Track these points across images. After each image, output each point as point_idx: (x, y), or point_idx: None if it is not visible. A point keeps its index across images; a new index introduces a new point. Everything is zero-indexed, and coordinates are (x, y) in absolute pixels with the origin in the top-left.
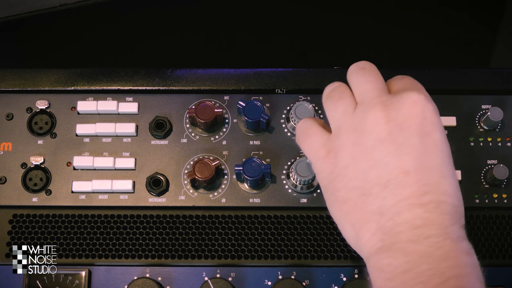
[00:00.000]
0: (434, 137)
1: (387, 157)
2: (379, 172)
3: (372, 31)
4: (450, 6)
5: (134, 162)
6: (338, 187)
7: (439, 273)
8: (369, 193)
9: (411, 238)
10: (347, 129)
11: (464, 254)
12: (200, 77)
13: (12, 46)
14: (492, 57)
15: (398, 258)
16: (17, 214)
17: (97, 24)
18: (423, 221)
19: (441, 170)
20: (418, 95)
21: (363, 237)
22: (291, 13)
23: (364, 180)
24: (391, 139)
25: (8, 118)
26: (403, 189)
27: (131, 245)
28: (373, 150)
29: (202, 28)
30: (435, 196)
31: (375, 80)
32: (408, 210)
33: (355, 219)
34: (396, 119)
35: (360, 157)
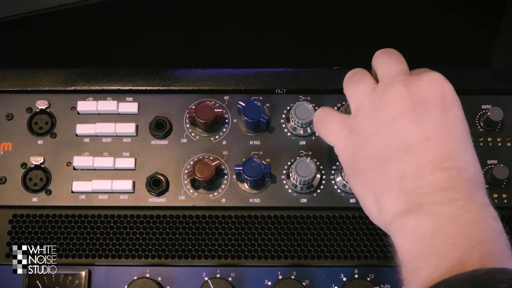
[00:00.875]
0: (454, 112)
1: (409, 125)
2: (401, 139)
3: (372, 31)
4: (450, 6)
5: (134, 162)
6: (359, 159)
7: (469, 235)
8: (390, 159)
9: (437, 199)
10: (368, 105)
11: (492, 219)
12: (200, 77)
13: (12, 46)
14: (492, 57)
15: (425, 220)
16: (17, 214)
17: (97, 24)
18: (447, 183)
19: (461, 140)
20: (438, 74)
21: (385, 202)
22: (291, 12)
23: (387, 148)
24: (412, 109)
25: (8, 118)
26: (426, 153)
27: (131, 245)
28: (395, 120)
29: (202, 28)
30: (456, 162)
31: (399, 62)
32: (431, 173)
33: (376, 185)
34: (417, 92)
35: (382, 127)
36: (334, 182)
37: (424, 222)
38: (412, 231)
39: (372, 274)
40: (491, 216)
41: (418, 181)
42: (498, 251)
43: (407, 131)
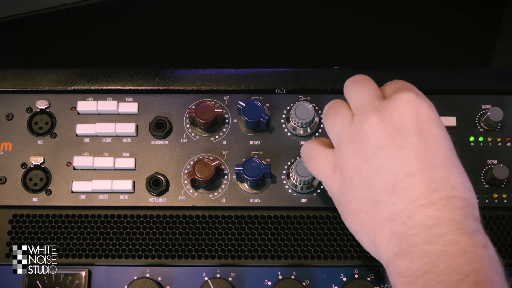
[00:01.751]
0: (433, 133)
1: (390, 162)
2: (384, 178)
3: (372, 32)
4: (450, 7)
5: (134, 162)
6: (348, 199)
7: (457, 270)
8: (378, 201)
9: (426, 239)
10: (347, 140)
11: (480, 247)
12: (200, 77)
13: (12, 46)
14: (492, 57)
15: (416, 261)
16: (17, 214)
17: (97, 24)
18: (435, 220)
19: (445, 165)
20: (409, 95)
21: (380, 245)
22: (291, 13)
23: (371, 188)
24: (390, 143)
25: (8, 118)
26: (411, 191)
27: (131, 245)
28: (375, 157)
29: (203, 28)
30: (443, 192)
31: (368, 89)
32: (419, 211)
33: (369, 228)
34: (392, 122)
35: (364, 166)
36: None
37: (415, 264)
38: (405, 274)
39: (372, 274)
40: (480, 244)
41: (407, 222)
42: (487, 280)
43: (389, 168)
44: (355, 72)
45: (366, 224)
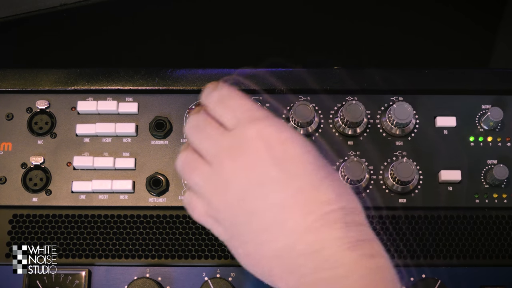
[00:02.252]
0: (289, 155)
1: (258, 201)
2: (258, 219)
3: (372, 32)
4: (450, 6)
5: (134, 162)
6: (236, 245)
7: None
8: (261, 242)
9: (312, 267)
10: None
11: (367, 258)
12: (200, 77)
13: (12, 46)
14: (492, 57)
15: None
16: (17, 214)
17: (97, 24)
18: (317, 244)
19: (311, 183)
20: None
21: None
22: (291, 13)
23: (250, 232)
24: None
25: (8, 118)
26: (286, 223)
27: (131, 245)
28: (243, 201)
29: (202, 28)
30: (318, 212)
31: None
32: (299, 241)
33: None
34: (246, 163)
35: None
36: None
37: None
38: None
39: None
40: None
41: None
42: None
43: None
44: (355, 72)
45: (258, 265)
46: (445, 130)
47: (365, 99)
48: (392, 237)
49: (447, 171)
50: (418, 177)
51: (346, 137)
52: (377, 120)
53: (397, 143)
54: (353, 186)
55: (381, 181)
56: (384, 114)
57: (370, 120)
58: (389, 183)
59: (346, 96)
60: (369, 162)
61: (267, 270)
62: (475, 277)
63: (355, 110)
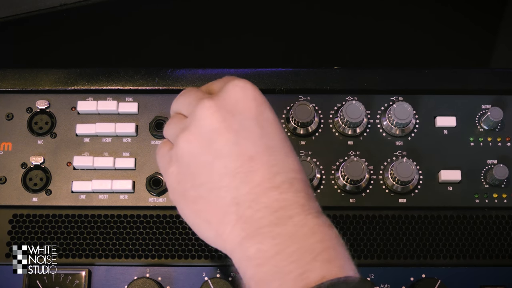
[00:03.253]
0: (268, 117)
1: (227, 146)
2: (224, 162)
3: (372, 32)
4: (450, 6)
5: (134, 162)
6: (186, 188)
7: (309, 249)
8: (219, 187)
9: (274, 221)
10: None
11: (327, 226)
12: (200, 77)
13: (12, 46)
14: (492, 57)
15: (266, 243)
16: (17, 214)
17: (97, 24)
18: (280, 202)
19: (282, 147)
20: (239, 81)
21: (224, 232)
22: (291, 12)
23: (210, 174)
24: (226, 126)
25: (8, 118)
26: (253, 175)
27: (131, 245)
28: (211, 141)
29: (203, 28)
30: (285, 175)
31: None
32: (264, 194)
33: (211, 215)
34: (225, 106)
35: (199, 151)
36: (334, 182)
37: (266, 245)
38: (255, 256)
39: (372, 274)
40: (326, 224)
41: (253, 205)
42: (338, 256)
43: (227, 152)
44: (355, 72)
45: (207, 211)
46: (445, 130)
47: (365, 99)
48: (392, 237)
49: (447, 171)
50: (418, 177)
51: (346, 137)
52: (377, 120)
53: (397, 143)
54: (353, 186)
55: (381, 181)
56: (384, 114)
57: (370, 120)
58: (389, 183)
59: (346, 96)
60: (369, 162)
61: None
62: (475, 277)
63: (355, 110)
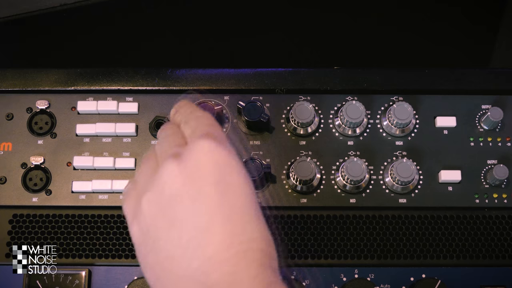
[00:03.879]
0: (231, 181)
1: (184, 213)
2: (179, 231)
3: (372, 32)
4: (450, 6)
5: (134, 162)
6: (146, 251)
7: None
8: (173, 256)
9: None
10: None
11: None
12: (200, 77)
13: (12, 46)
14: (492, 57)
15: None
16: (17, 214)
17: (97, 24)
18: (232, 276)
19: (243, 216)
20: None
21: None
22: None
23: (166, 241)
24: (185, 192)
25: (8, 118)
26: (206, 247)
27: (131, 245)
28: (169, 206)
29: (202, 28)
30: (239, 246)
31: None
32: (215, 270)
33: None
34: (187, 169)
35: (159, 216)
36: (334, 182)
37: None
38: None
39: (372, 274)
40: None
41: (205, 281)
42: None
43: (183, 221)
44: (355, 72)
45: (163, 279)
46: (445, 130)
47: (365, 99)
48: (392, 237)
49: (447, 171)
50: (418, 177)
51: (346, 137)
52: (377, 120)
53: (397, 143)
54: (353, 186)
55: (381, 181)
56: (384, 114)
57: (370, 120)
58: (389, 183)
59: (346, 96)
60: (369, 162)
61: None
62: (475, 277)
63: (355, 110)
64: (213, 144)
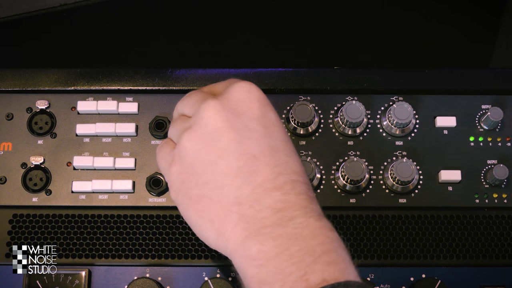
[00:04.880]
0: (271, 118)
1: (231, 145)
2: (227, 161)
3: (372, 32)
4: (450, 6)
5: (134, 162)
6: (190, 186)
7: (310, 252)
8: (222, 185)
9: (276, 221)
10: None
11: (328, 229)
12: (200, 77)
13: (12, 46)
14: (492, 57)
15: (267, 243)
16: (17, 214)
17: (97, 24)
18: (283, 203)
19: (285, 149)
20: (243, 82)
21: (226, 231)
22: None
23: (213, 173)
24: (229, 125)
25: (8, 118)
26: (256, 174)
27: (131, 245)
28: (214, 140)
29: (202, 28)
30: (287, 176)
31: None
32: (266, 195)
33: (214, 214)
34: (229, 106)
35: (203, 150)
36: (334, 182)
37: (267, 246)
38: (256, 256)
39: (372, 274)
40: (327, 227)
41: (255, 205)
42: (339, 259)
43: (231, 151)
44: (355, 72)
45: (210, 210)
46: (445, 130)
47: (365, 99)
48: (392, 237)
49: (447, 171)
50: (418, 177)
51: (346, 137)
52: (377, 120)
53: (397, 143)
54: (353, 186)
55: (381, 181)
56: (384, 114)
57: (370, 120)
58: (389, 183)
59: (346, 96)
60: (369, 162)
61: (221, 216)
62: (475, 277)
63: (355, 110)
64: (247, 83)
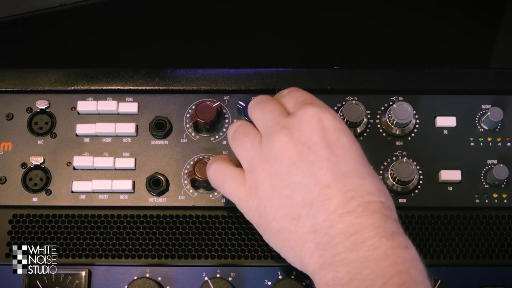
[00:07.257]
0: (342, 143)
1: (305, 178)
2: (302, 194)
3: (372, 32)
4: (449, 6)
5: (134, 162)
6: (269, 220)
7: (381, 274)
8: (299, 217)
9: (348, 247)
10: (259, 161)
11: (401, 249)
12: (200, 77)
13: (12, 46)
14: (492, 57)
15: (340, 270)
16: (17, 214)
17: (97, 24)
18: (355, 227)
19: (358, 172)
20: (313, 109)
21: (305, 258)
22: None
23: (291, 206)
24: (302, 159)
25: (8, 118)
26: (329, 202)
27: (131, 245)
28: (289, 175)
29: (202, 28)
30: (360, 199)
31: (272, 109)
32: (339, 220)
33: (294, 243)
34: (300, 139)
35: (280, 185)
36: None
37: (340, 273)
38: (332, 283)
39: None
40: (401, 245)
41: (329, 232)
42: (410, 281)
43: (305, 184)
44: (355, 72)
45: (290, 240)
46: (445, 130)
47: (365, 99)
48: None
49: (447, 171)
50: (418, 177)
51: None
52: (377, 120)
53: (397, 143)
54: None
55: None
56: (384, 114)
57: (370, 120)
58: (389, 183)
59: (346, 96)
60: (369, 162)
61: (300, 245)
62: (475, 277)
63: (355, 110)
64: (317, 109)
